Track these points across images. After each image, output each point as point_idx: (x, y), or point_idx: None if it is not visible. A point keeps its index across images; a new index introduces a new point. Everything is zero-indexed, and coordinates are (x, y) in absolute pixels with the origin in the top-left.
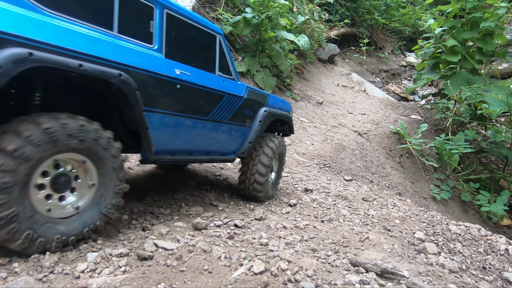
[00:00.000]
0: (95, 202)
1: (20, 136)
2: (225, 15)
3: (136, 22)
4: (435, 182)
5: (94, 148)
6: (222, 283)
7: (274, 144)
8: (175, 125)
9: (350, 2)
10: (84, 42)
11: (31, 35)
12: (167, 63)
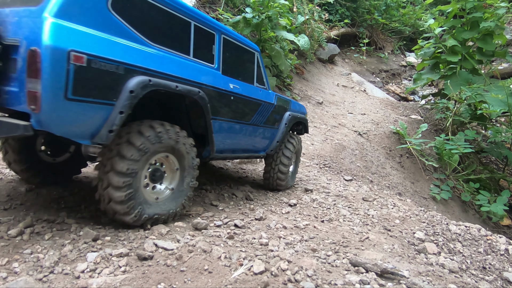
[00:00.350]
0: (180, 185)
1: (143, 136)
2: (225, 15)
3: (203, 47)
4: (435, 182)
5: (179, 146)
6: (222, 283)
7: (294, 141)
8: (228, 129)
9: (350, 2)
10: (175, 67)
11: (147, 65)
12: (224, 79)
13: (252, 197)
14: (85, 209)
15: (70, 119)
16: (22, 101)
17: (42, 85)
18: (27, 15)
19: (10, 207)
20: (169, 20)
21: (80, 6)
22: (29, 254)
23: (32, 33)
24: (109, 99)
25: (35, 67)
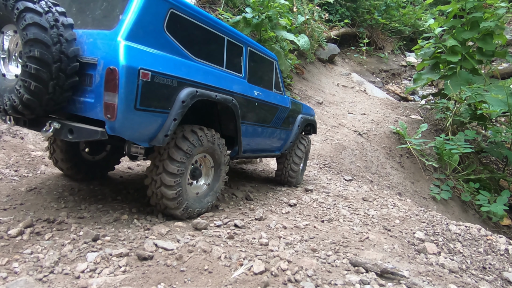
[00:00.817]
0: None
1: (188, 140)
2: (225, 15)
3: (233, 59)
4: (435, 182)
5: (215, 148)
6: (222, 283)
7: (305, 142)
8: (252, 132)
9: (350, 2)
10: (213, 78)
11: (193, 78)
12: (250, 87)
13: (252, 197)
14: (85, 209)
15: (136, 126)
16: (97, 110)
17: (118, 98)
18: (102, 37)
19: (10, 207)
20: (208, 36)
21: (144, 30)
22: (29, 254)
23: (109, 54)
24: (165, 108)
25: (113, 83)
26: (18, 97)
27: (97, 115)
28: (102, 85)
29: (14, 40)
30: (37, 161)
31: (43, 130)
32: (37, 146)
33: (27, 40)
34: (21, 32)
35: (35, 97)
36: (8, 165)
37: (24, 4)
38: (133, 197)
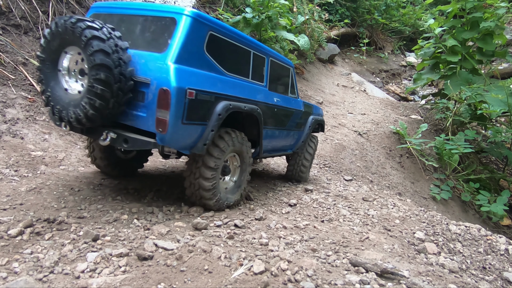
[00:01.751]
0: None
1: (224, 140)
2: (225, 15)
3: (257, 70)
4: (435, 182)
5: (243, 148)
6: (222, 283)
7: (315, 141)
8: (271, 134)
9: (350, 2)
10: (241, 90)
11: (227, 92)
12: (270, 94)
13: (252, 197)
14: (85, 209)
15: (181, 137)
16: (149, 123)
17: (170, 114)
18: (153, 60)
19: (10, 207)
20: (238, 52)
21: (189, 52)
22: (29, 254)
23: (162, 76)
24: (205, 121)
25: (166, 102)
26: (83, 112)
27: (148, 128)
28: (154, 102)
29: (73, 58)
30: (37, 161)
31: (101, 139)
32: (37, 146)
33: (94, 64)
34: (88, 57)
35: (98, 112)
36: (8, 165)
37: (91, 33)
38: (133, 197)
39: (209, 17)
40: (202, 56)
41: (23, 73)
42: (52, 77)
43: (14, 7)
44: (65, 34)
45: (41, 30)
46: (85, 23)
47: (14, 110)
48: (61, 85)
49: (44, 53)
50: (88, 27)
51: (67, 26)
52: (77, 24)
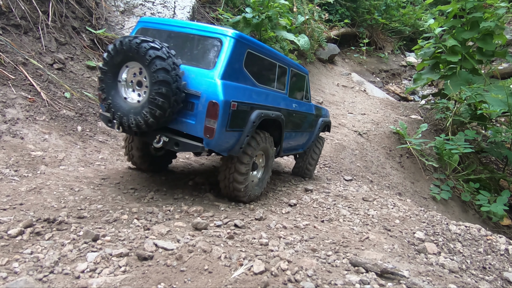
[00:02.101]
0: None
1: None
2: (225, 15)
3: (281, 79)
4: (435, 182)
5: (268, 148)
6: (222, 283)
7: (321, 141)
8: (289, 136)
9: (350, 2)
10: (269, 99)
11: (259, 102)
12: (290, 101)
13: None
14: (85, 209)
15: (224, 142)
16: (197, 130)
17: (217, 124)
18: (203, 75)
19: (10, 207)
20: (266, 65)
21: (232, 69)
22: (29, 254)
23: (211, 91)
24: (242, 128)
25: (214, 112)
26: (144, 119)
27: (196, 133)
28: (204, 112)
29: (132, 71)
30: (37, 161)
31: (154, 142)
32: (37, 146)
33: (157, 80)
34: (151, 74)
35: (157, 120)
36: (8, 165)
37: (155, 53)
38: (133, 197)
39: (247, 37)
40: (241, 72)
41: (23, 73)
42: (113, 87)
43: (14, 7)
44: (129, 51)
45: (41, 30)
46: (149, 44)
47: (14, 110)
48: (121, 94)
49: (106, 66)
50: (151, 47)
51: (132, 45)
52: (142, 45)
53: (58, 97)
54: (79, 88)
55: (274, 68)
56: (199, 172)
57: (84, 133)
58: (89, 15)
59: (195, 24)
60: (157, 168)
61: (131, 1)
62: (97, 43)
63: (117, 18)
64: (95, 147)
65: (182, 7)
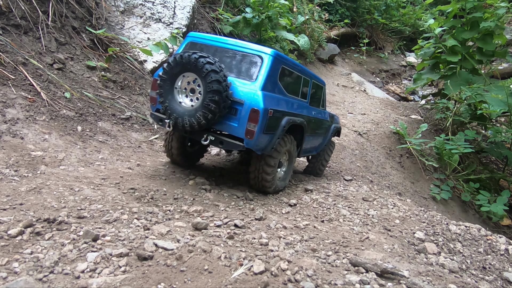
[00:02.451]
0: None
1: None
2: (225, 15)
3: (304, 89)
4: (435, 182)
5: (292, 149)
6: (222, 283)
7: (333, 145)
8: (308, 139)
9: (350, 2)
10: (295, 107)
11: (288, 109)
12: (310, 109)
13: (252, 197)
14: (85, 209)
15: (260, 142)
16: (239, 131)
17: (257, 127)
18: (246, 86)
19: (10, 207)
20: (294, 77)
21: (270, 82)
22: (29, 254)
23: (253, 100)
24: (274, 131)
25: (255, 118)
26: (197, 121)
27: (238, 134)
28: (246, 117)
29: (186, 80)
30: (37, 161)
31: (202, 140)
32: (37, 146)
33: (211, 90)
34: (207, 84)
35: (208, 122)
36: (8, 165)
37: (210, 67)
38: (133, 197)
39: (282, 54)
40: (276, 83)
41: (23, 73)
42: (170, 93)
43: (14, 7)
44: (187, 64)
45: (41, 30)
46: (206, 59)
47: (14, 110)
48: (176, 99)
49: (165, 75)
50: (208, 62)
51: (190, 59)
52: (200, 60)
53: (58, 97)
54: (79, 88)
55: (299, 80)
56: (199, 172)
57: (84, 133)
58: (89, 15)
59: (239, 42)
60: (191, 162)
61: (131, 1)
62: (97, 43)
63: (117, 18)
64: (95, 147)
65: (182, 7)
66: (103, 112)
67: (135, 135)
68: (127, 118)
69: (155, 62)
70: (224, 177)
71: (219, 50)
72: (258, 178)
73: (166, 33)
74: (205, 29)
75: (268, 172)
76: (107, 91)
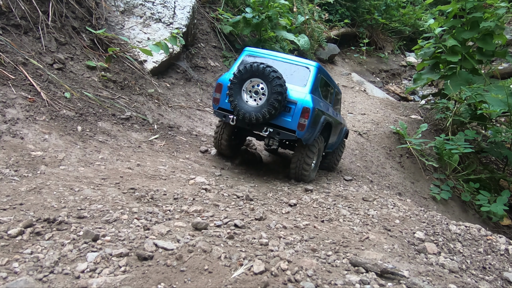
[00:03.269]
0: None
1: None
2: (225, 15)
3: (330, 96)
4: (435, 182)
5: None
6: (222, 283)
7: (344, 144)
8: (331, 137)
9: (350, 2)
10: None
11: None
12: (333, 111)
13: (252, 197)
14: (85, 209)
15: (308, 134)
16: (292, 125)
17: (307, 122)
18: (298, 90)
19: (10, 207)
20: (327, 85)
21: (314, 87)
22: (29, 254)
23: (305, 101)
24: (316, 126)
25: (306, 114)
26: (263, 116)
27: (291, 127)
28: (298, 114)
29: (251, 84)
30: (37, 161)
31: (263, 131)
32: (37, 146)
33: (276, 92)
34: (272, 87)
35: (271, 117)
36: (8, 165)
37: (275, 74)
38: (133, 197)
39: (322, 67)
40: (317, 89)
41: (23, 73)
42: (238, 93)
43: (14, 7)
44: (256, 71)
45: (41, 30)
46: (271, 69)
47: (14, 110)
48: (243, 99)
49: (236, 79)
50: (273, 71)
51: (259, 68)
52: (267, 68)
53: (58, 97)
54: (79, 88)
55: (329, 88)
56: (199, 172)
57: (84, 133)
58: (89, 15)
59: (290, 56)
60: (234, 153)
61: (131, 1)
62: (97, 43)
63: (117, 18)
64: (95, 147)
65: (182, 7)
66: (103, 112)
67: (135, 135)
68: (127, 118)
69: (155, 62)
70: (224, 177)
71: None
72: (299, 168)
73: (166, 33)
74: (205, 29)
75: (308, 163)
76: (107, 91)
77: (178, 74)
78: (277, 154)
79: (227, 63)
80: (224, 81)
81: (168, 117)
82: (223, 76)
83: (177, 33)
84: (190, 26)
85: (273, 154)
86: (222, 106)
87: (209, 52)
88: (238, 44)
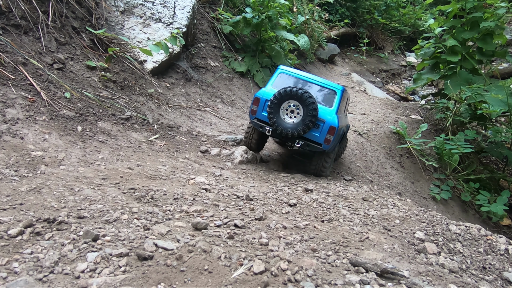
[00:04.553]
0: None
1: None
2: (225, 15)
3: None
4: (435, 182)
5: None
6: (222, 283)
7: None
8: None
9: (350, 2)
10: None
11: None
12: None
13: (252, 197)
14: (85, 209)
15: (331, 146)
16: (320, 139)
17: (333, 137)
18: (325, 110)
19: (10, 207)
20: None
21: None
22: (29, 254)
23: (331, 120)
24: (337, 139)
25: (332, 131)
26: (298, 132)
27: (319, 141)
28: (326, 131)
29: (288, 104)
30: (37, 161)
31: (295, 144)
32: (37, 146)
33: (311, 114)
34: (308, 110)
35: (304, 132)
36: (8, 165)
37: (311, 100)
38: (133, 197)
39: (345, 89)
40: (342, 107)
41: (23, 73)
42: (277, 112)
43: (14, 7)
44: (295, 95)
45: (41, 30)
46: (308, 94)
47: (14, 110)
48: (281, 116)
49: (276, 100)
50: (309, 96)
51: (298, 93)
52: (304, 94)
53: (58, 97)
54: (79, 88)
55: (347, 101)
56: (199, 172)
57: (84, 133)
58: (89, 15)
59: (319, 78)
60: (259, 149)
61: (131, 1)
62: (97, 43)
63: (117, 18)
64: (95, 147)
65: (182, 7)
66: (103, 112)
67: (135, 135)
68: (127, 118)
69: (155, 62)
70: (224, 177)
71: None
72: (319, 166)
73: (166, 33)
74: (205, 29)
75: (326, 166)
76: (107, 91)
77: (178, 74)
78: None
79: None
80: (261, 96)
81: (168, 117)
82: (259, 91)
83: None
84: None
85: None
86: (259, 117)
87: (209, 52)
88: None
